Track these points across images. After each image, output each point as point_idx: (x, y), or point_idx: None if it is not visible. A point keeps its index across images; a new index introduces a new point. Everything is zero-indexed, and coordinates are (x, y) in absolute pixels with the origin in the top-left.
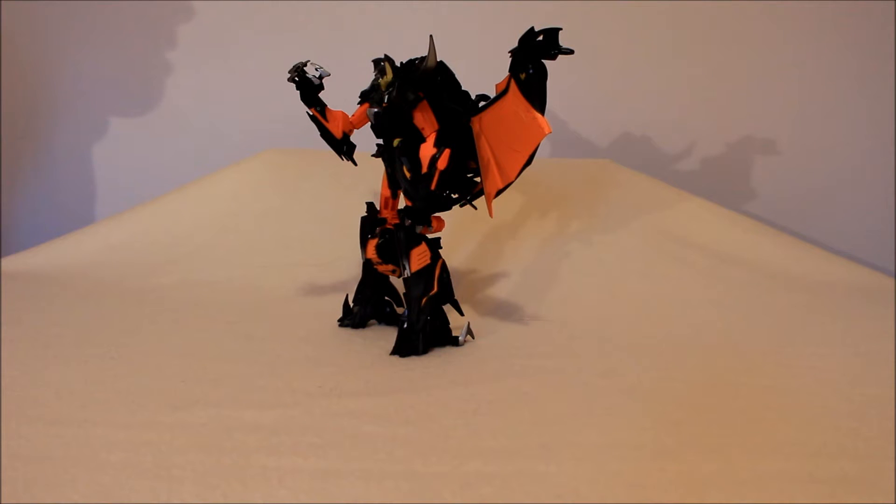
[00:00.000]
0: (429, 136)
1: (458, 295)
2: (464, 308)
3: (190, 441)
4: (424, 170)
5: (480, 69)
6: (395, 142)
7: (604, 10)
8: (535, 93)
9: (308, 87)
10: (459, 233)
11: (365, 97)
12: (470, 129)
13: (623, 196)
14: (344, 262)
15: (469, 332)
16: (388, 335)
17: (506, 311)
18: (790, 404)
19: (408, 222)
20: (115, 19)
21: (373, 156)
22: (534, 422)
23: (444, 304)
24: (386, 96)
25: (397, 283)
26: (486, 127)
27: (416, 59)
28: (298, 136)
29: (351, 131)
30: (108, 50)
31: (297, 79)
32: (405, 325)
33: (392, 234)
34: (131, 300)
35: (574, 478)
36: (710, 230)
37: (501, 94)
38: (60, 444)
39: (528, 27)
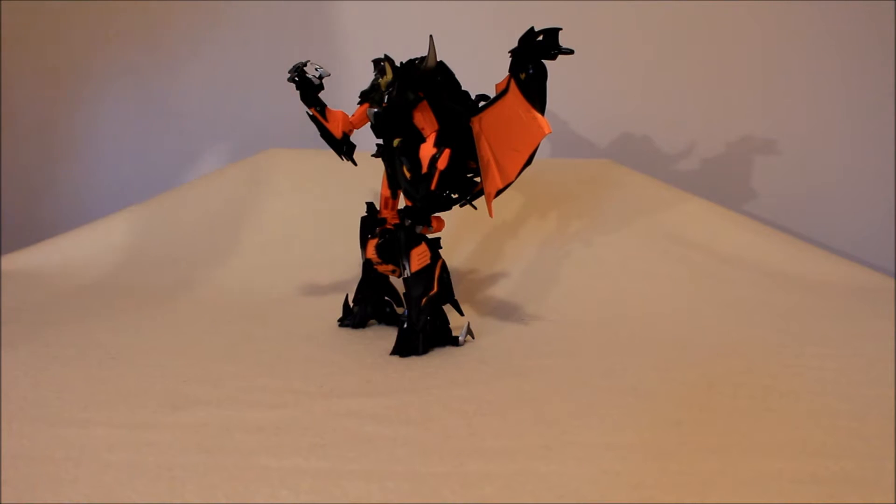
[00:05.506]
0: (429, 136)
1: (458, 295)
2: (464, 308)
3: (191, 441)
4: (424, 170)
5: (480, 69)
6: (395, 142)
7: (604, 10)
8: (535, 93)
9: (308, 87)
10: (459, 233)
11: (365, 97)
12: (470, 129)
13: (623, 196)
14: (344, 262)
15: (469, 332)
16: (388, 335)
17: (506, 311)
18: (790, 404)
19: (408, 222)
20: (115, 18)
21: (373, 156)
22: (534, 422)
23: (444, 304)
24: (386, 96)
25: (397, 283)
26: (486, 127)
27: (416, 59)
28: (298, 136)
29: (351, 131)
30: (107, 49)
31: (296, 79)
32: (405, 325)
33: (392, 234)
34: (131, 300)
35: (575, 478)
36: (710, 230)
37: (501, 94)
38: (61, 444)
39: (528, 27)
